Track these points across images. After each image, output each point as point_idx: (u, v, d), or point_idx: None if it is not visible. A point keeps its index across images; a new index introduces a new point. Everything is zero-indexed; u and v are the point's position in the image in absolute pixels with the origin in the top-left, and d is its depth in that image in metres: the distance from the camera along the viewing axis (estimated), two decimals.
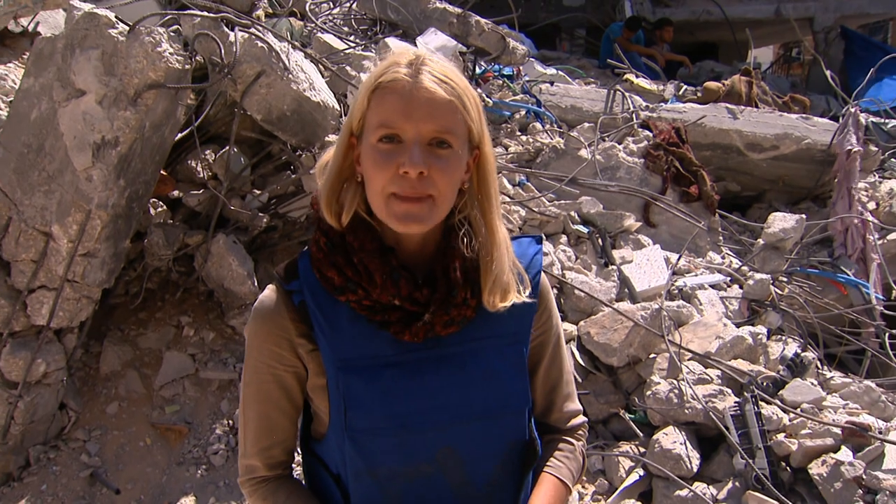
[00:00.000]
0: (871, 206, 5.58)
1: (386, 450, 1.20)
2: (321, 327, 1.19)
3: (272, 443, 1.28)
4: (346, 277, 1.18)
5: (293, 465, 1.36)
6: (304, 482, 1.36)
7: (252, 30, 3.81)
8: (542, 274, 1.34)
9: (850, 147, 5.38)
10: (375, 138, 1.12)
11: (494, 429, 1.26)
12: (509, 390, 1.26)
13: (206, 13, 3.85)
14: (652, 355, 3.54)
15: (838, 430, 2.94)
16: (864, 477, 2.77)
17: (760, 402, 3.14)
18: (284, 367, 1.23)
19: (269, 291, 1.26)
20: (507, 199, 4.44)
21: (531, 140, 5.25)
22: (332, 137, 4.39)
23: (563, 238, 4.39)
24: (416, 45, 5.98)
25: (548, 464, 1.34)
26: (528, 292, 1.25)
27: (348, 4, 7.55)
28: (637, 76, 7.14)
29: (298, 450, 1.40)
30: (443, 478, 1.22)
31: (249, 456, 1.29)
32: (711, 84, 6.74)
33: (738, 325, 3.84)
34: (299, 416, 1.32)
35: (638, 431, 3.33)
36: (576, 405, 1.43)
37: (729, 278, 4.40)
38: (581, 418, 1.43)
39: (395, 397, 1.19)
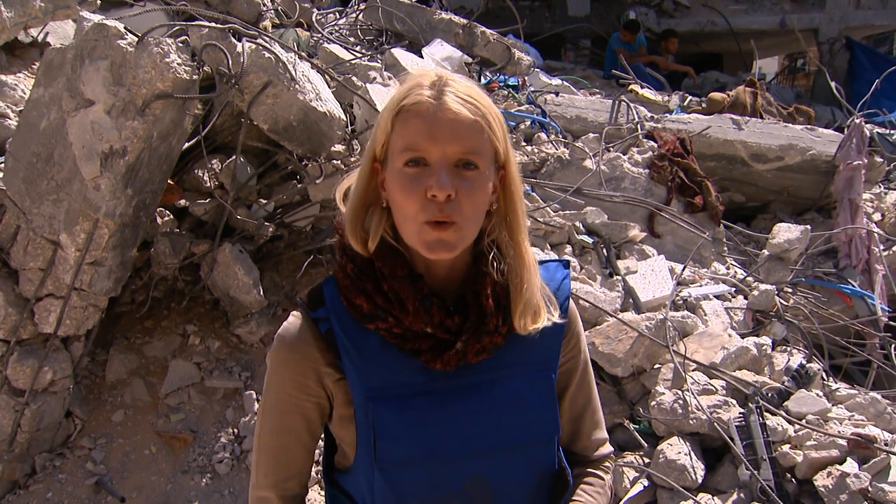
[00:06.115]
0: (877, 217, 5.58)
1: (415, 481, 1.17)
2: (350, 356, 1.17)
3: (288, 475, 1.25)
4: (375, 305, 1.16)
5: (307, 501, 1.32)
6: None
7: (259, 40, 3.83)
8: (571, 300, 1.31)
9: (849, 160, 5.38)
10: (401, 162, 1.10)
11: (524, 458, 1.23)
12: (539, 418, 1.24)
13: (213, 24, 3.88)
14: (656, 366, 3.54)
15: (844, 442, 2.93)
16: (870, 489, 2.76)
17: (765, 413, 3.13)
18: (307, 397, 1.20)
19: (295, 319, 1.22)
20: None
21: (536, 150, 5.27)
22: (338, 147, 4.41)
23: (568, 248, 4.40)
24: (421, 56, 6.01)
25: (579, 498, 1.30)
26: (557, 314, 1.23)
27: (354, 15, 7.59)
28: (642, 87, 7.16)
29: (322, 481, 1.37)
30: None
31: (262, 487, 1.25)
32: (716, 95, 6.75)
33: (742, 336, 3.84)
34: (316, 448, 1.28)
35: (642, 442, 3.33)
36: (603, 433, 1.40)
37: (734, 289, 4.39)
38: (608, 448, 1.40)
39: (425, 427, 1.17)
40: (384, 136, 1.13)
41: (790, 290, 4.53)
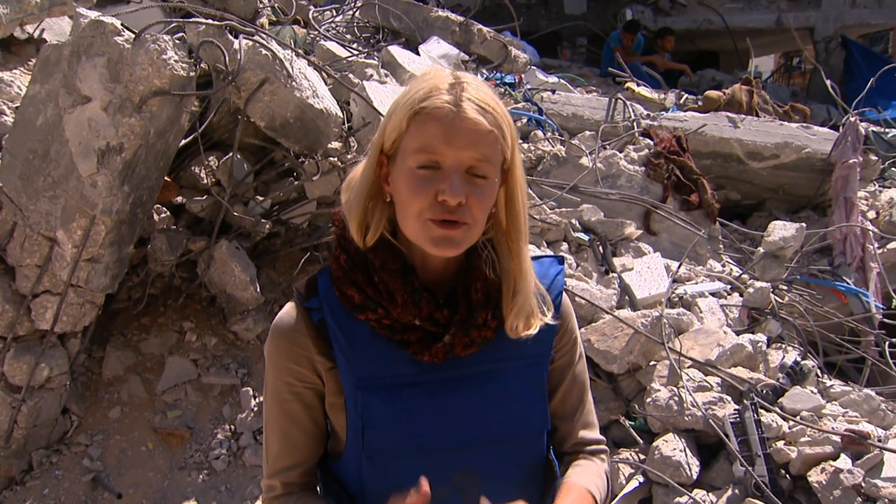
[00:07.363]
0: (871, 215, 5.60)
1: (403, 471, 1.18)
2: (340, 346, 1.19)
3: (292, 464, 1.26)
4: (366, 296, 1.17)
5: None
6: None
7: (256, 37, 3.84)
8: (564, 295, 1.32)
9: (844, 159, 5.41)
10: (414, 163, 1.10)
11: (513, 451, 1.24)
12: (528, 413, 1.25)
13: (210, 21, 3.88)
14: (652, 362, 3.55)
15: (837, 438, 2.95)
16: (864, 485, 2.78)
17: (760, 410, 3.15)
18: (304, 384, 1.22)
19: (288, 308, 1.24)
20: None
21: (533, 148, 5.28)
22: (334, 144, 4.42)
23: (564, 246, 4.41)
24: (418, 54, 6.01)
25: (566, 475, 1.28)
26: (551, 314, 1.24)
27: (351, 12, 7.59)
28: (638, 85, 7.16)
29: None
30: (460, 501, 1.21)
31: (269, 476, 1.28)
32: (712, 93, 6.76)
33: (738, 333, 3.85)
34: (323, 437, 1.29)
35: (638, 438, 3.34)
36: (596, 435, 1.37)
37: (729, 286, 4.41)
38: (602, 447, 1.38)
39: (413, 417, 1.18)
40: (396, 133, 1.13)
41: (785, 287, 4.55)
